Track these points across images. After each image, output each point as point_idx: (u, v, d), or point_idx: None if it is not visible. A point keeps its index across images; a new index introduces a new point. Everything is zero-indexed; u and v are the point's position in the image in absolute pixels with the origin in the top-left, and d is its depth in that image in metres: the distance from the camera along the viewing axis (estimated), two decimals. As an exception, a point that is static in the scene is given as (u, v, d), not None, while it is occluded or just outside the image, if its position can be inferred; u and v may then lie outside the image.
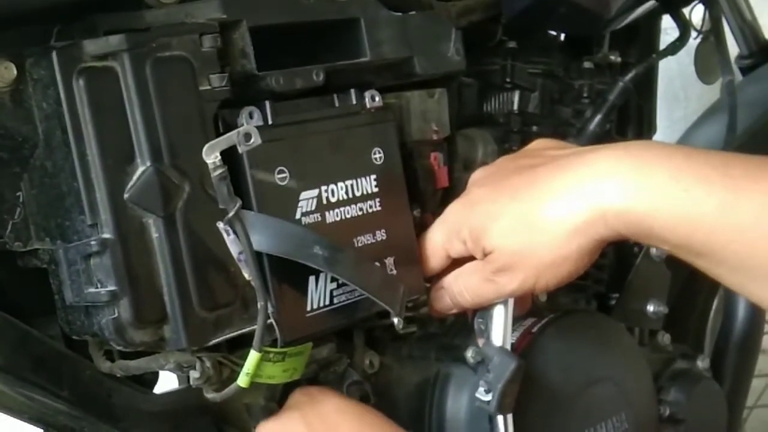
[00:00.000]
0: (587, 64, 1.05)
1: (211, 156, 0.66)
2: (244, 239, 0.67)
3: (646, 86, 1.14)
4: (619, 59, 1.08)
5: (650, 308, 1.05)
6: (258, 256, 0.68)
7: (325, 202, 0.73)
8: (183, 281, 0.66)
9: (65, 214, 0.66)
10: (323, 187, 0.73)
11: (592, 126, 1.03)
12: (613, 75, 1.07)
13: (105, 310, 0.66)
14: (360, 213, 0.75)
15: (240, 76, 0.70)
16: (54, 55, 0.64)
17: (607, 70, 1.07)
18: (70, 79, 0.64)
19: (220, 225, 0.67)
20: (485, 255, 0.75)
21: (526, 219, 0.73)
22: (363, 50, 0.77)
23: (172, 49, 0.66)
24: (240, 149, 0.67)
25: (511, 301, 0.79)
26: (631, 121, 1.14)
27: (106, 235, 0.65)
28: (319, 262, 0.69)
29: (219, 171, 0.66)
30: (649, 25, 1.12)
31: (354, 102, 0.77)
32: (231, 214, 0.66)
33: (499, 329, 0.79)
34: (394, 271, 0.77)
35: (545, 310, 0.93)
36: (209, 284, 0.67)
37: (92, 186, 0.65)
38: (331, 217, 0.74)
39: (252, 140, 0.67)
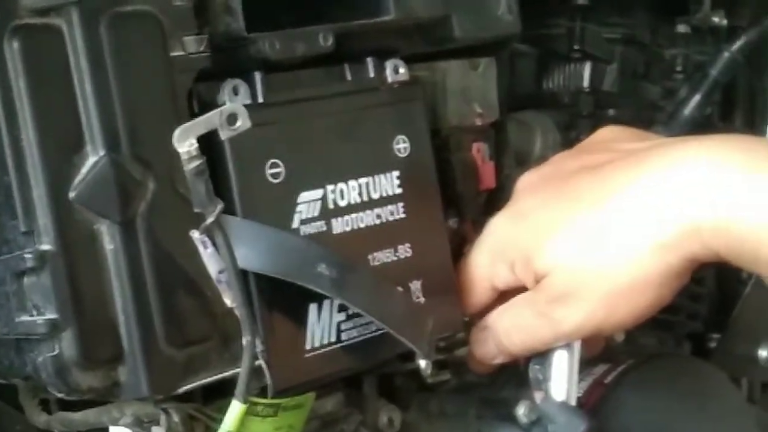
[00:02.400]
0: (682, 28, 1.06)
1: (185, 143, 0.66)
2: (226, 253, 0.67)
3: (760, 58, 1.14)
4: (724, 22, 1.08)
5: (763, 353, 1.05)
6: (243, 275, 0.68)
7: (331, 206, 0.74)
8: (145, 308, 0.67)
9: (-9, 217, 0.67)
10: (329, 187, 0.74)
11: (687, 110, 1.03)
12: (716, 42, 1.07)
13: (42, 345, 0.66)
14: (378, 221, 0.76)
15: (223, 38, 0.71)
16: (-21, 9, 0.65)
17: (709, 36, 1.07)
18: (0, 41, 0.64)
19: (195, 235, 0.68)
20: (537, 281, 0.76)
21: (591, 231, 0.73)
22: (385, 6, 0.78)
23: (134, 3, 0.67)
24: (222, 135, 0.68)
25: (577, 345, 0.79)
26: (740, 104, 1.14)
27: (45, 247, 0.65)
28: (324, 284, 0.70)
29: (194, 163, 0.66)
30: (765, -24, 1.13)
31: (371, 74, 0.77)
32: (209, 220, 0.67)
33: (562, 380, 0.79)
34: (422, 299, 0.78)
35: (622, 354, 0.94)
36: (179, 313, 0.68)
37: (27, 181, 0.65)
38: (339, 226, 0.74)
39: (238, 123, 0.68)
